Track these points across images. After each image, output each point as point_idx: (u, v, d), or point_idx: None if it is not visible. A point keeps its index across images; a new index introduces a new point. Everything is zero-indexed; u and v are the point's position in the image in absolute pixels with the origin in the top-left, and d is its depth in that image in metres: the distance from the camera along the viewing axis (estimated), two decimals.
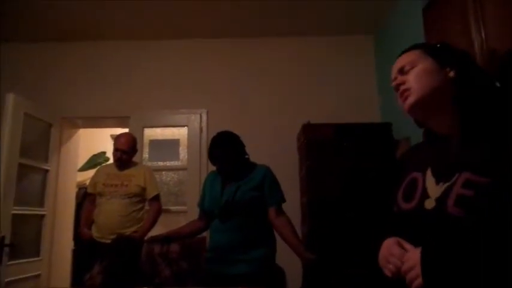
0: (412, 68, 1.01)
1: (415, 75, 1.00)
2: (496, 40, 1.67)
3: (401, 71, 1.04)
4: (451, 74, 0.97)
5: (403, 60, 1.05)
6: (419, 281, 0.78)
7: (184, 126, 3.84)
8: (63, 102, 3.81)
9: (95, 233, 2.83)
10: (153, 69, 3.94)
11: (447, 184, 0.87)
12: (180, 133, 3.90)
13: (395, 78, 1.06)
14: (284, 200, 2.18)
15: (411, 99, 0.99)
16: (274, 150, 3.50)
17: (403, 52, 1.08)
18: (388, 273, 0.89)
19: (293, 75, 3.91)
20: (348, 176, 3.02)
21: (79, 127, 4.14)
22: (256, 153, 2.41)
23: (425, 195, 0.92)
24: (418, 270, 0.79)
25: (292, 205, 3.43)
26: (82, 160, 4.62)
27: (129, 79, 3.91)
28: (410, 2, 2.79)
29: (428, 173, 0.95)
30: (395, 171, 1.12)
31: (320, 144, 3.12)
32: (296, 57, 3.96)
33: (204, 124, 3.79)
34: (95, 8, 3.37)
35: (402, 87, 1.02)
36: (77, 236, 3.55)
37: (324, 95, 3.82)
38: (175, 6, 3.37)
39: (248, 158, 2.24)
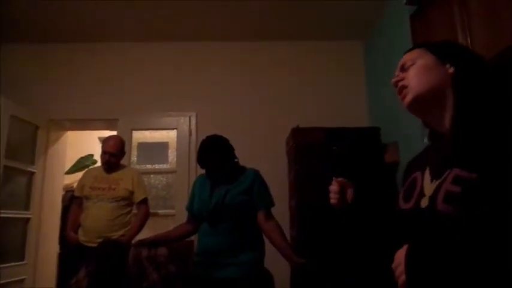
0: (412, 64, 1.00)
1: (414, 71, 0.98)
2: (482, 47, 1.70)
3: (402, 68, 1.03)
4: (451, 70, 0.95)
5: (405, 58, 1.04)
6: (403, 278, 0.79)
7: (173, 129, 3.82)
8: (50, 104, 3.76)
9: (81, 236, 2.79)
10: (142, 72, 3.92)
11: (439, 181, 0.86)
12: (169, 136, 3.89)
13: (397, 75, 1.04)
14: (273, 204, 2.18)
15: (409, 97, 0.98)
16: (264, 154, 3.51)
17: (407, 51, 1.07)
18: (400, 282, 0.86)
19: (283, 79, 3.93)
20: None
21: (66, 129, 4.09)
22: (246, 156, 2.41)
23: (421, 193, 0.91)
24: (402, 267, 0.79)
25: (281, 209, 3.43)
26: (69, 163, 4.57)
27: (117, 81, 3.88)
28: (399, 9, 2.83)
29: (427, 172, 0.95)
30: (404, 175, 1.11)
31: (309, 148, 3.14)
32: (286, 61, 3.98)
33: (193, 127, 3.78)
34: (83, 9, 3.35)
35: (400, 84, 1.01)
36: (63, 240, 3.50)
37: (314, 99, 3.85)
38: (164, 9, 3.37)
39: (237, 162, 2.24)
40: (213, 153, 2.14)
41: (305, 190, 3.07)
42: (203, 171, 2.31)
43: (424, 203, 0.88)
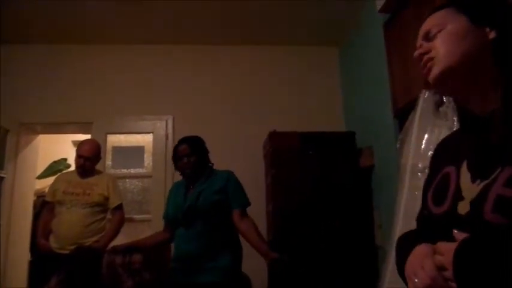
0: (440, 31, 0.80)
1: (443, 39, 0.79)
2: None
3: (427, 37, 0.83)
4: (491, 34, 0.75)
5: (429, 23, 0.83)
6: (450, 270, 0.63)
7: (149, 132, 3.77)
8: (21, 108, 3.64)
9: (53, 243, 2.71)
10: (118, 74, 3.85)
11: (485, 182, 0.68)
12: (144, 140, 3.84)
13: (420, 46, 0.84)
14: (248, 204, 2.18)
15: (436, 71, 0.78)
16: (241, 158, 3.51)
17: (432, 12, 0.86)
18: (411, 286, 0.71)
19: (260, 83, 3.94)
20: (313, 183, 3.07)
21: (38, 133, 3.98)
22: (222, 160, 2.41)
23: (458, 196, 0.72)
24: (450, 257, 0.63)
25: (258, 213, 3.44)
26: (41, 167, 4.44)
27: (92, 84, 3.80)
28: (372, 16, 2.90)
29: (464, 167, 0.75)
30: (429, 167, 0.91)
31: (286, 152, 3.16)
32: (263, 65, 4.00)
33: (169, 131, 3.74)
34: (56, 10, 3.27)
35: (426, 57, 0.81)
36: (34, 247, 3.39)
37: (291, 104, 3.88)
38: (141, 11, 3.33)
39: (212, 166, 2.25)
40: (189, 142, 2.19)
41: (282, 194, 3.08)
42: (179, 177, 2.30)
43: (464, 208, 0.70)
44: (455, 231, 0.68)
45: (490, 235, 0.62)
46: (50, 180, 3.59)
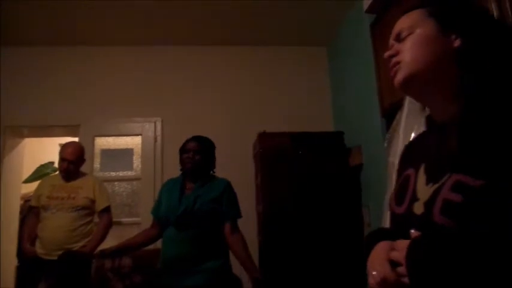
0: (410, 34, 0.81)
1: (410, 44, 0.80)
2: None
3: (398, 38, 0.84)
4: (457, 42, 0.75)
5: (401, 24, 0.84)
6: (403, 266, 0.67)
7: (138, 135, 3.74)
8: (6, 110, 3.57)
9: (39, 249, 2.66)
10: (105, 76, 3.81)
11: (436, 185, 0.71)
12: (133, 142, 3.80)
13: (391, 46, 0.85)
14: (240, 216, 2.21)
15: (400, 76, 0.80)
16: (230, 159, 3.49)
17: (405, 12, 0.86)
18: (370, 280, 0.74)
19: (249, 84, 3.94)
20: (302, 183, 3.08)
21: (24, 136, 3.91)
22: None
23: (415, 197, 0.76)
24: (404, 253, 0.67)
25: (249, 214, 3.44)
26: (28, 171, 4.37)
27: (79, 86, 3.75)
28: (359, 16, 2.92)
29: (421, 170, 0.78)
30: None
31: (275, 152, 3.16)
32: (252, 66, 4.00)
33: (158, 133, 3.72)
34: (41, 13, 3.22)
35: (393, 60, 0.83)
36: (21, 252, 3.34)
37: (280, 104, 3.88)
38: (128, 12, 3.30)
39: (213, 172, 2.28)
40: (201, 141, 2.24)
41: (272, 195, 3.08)
42: (168, 177, 2.29)
43: (419, 209, 0.73)
44: (411, 231, 0.72)
45: (438, 235, 0.66)
46: (37, 184, 3.54)
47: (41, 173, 4.50)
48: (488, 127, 0.69)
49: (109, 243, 2.64)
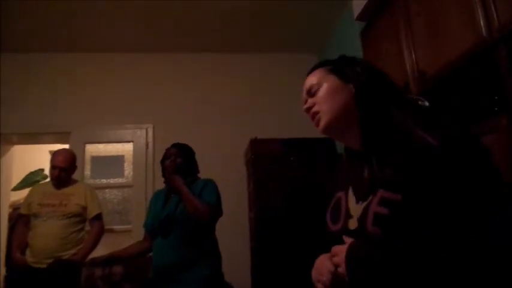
0: (319, 88, 0.98)
1: (322, 96, 0.97)
2: (425, 63, 1.81)
3: (310, 93, 1.01)
4: (352, 89, 0.94)
5: (309, 81, 1.01)
6: (343, 266, 0.80)
7: (129, 141, 3.73)
8: None
9: (29, 257, 2.61)
10: (96, 83, 3.80)
11: (365, 203, 0.85)
12: (124, 149, 3.79)
13: (306, 101, 1.02)
14: (219, 211, 2.09)
15: (322, 123, 0.97)
16: (222, 165, 3.50)
17: (309, 72, 1.04)
18: (319, 286, 0.88)
19: (240, 91, 3.95)
20: (294, 189, 3.08)
21: (14, 144, 3.87)
22: (204, 168, 2.40)
23: (348, 215, 0.90)
24: (343, 257, 0.80)
25: (241, 220, 3.44)
26: (17, 178, 4.32)
27: (70, 93, 3.74)
28: (350, 23, 2.95)
29: (350, 192, 0.94)
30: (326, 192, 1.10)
31: (267, 159, 3.17)
32: (243, 73, 4.01)
33: (150, 139, 3.70)
34: (30, 19, 3.21)
35: (312, 111, 0.99)
36: (9, 262, 3.28)
37: (272, 111, 3.89)
38: (118, 18, 3.30)
39: (196, 176, 2.25)
40: (180, 147, 2.25)
41: (264, 201, 3.08)
42: (160, 184, 2.27)
43: (353, 224, 0.87)
44: (344, 237, 0.89)
45: (369, 240, 0.81)
46: (26, 191, 3.50)
47: (31, 180, 4.44)
48: (388, 150, 0.86)
49: (100, 251, 2.61)
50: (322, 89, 0.97)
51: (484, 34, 1.42)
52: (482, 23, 1.43)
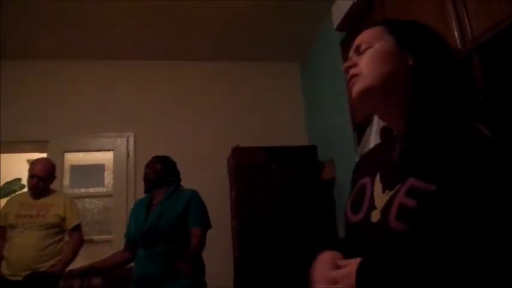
0: (368, 48, 0.83)
1: (369, 57, 0.82)
2: None
3: (358, 51, 0.86)
4: (410, 62, 0.80)
5: (361, 38, 0.87)
6: None
7: (110, 150, 3.67)
8: None
9: (5, 270, 2.52)
10: (75, 91, 3.73)
11: (392, 192, 0.74)
12: (104, 158, 3.73)
13: (350, 59, 0.88)
14: (209, 225, 2.15)
15: (357, 87, 0.82)
16: (204, 174, 3.48)
17: (367, 27, 0.89)
18: None
19: (222, 99, 3.95)
20: (276, 197, 3.09)
21: None
22: (186, 176, 2.39)
23: (372, 205, 0.78)
24: (353, 279, 0.67)
25: (224, 229, 3.42)
26: None
27: (48, 100, 3.65)
28: (330, 33, 3.00)
29: (377, 178, 0.81)
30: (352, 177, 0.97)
31: (249, 167, 3.17)
32: (226, 81, 4.02)
33: (131, 148, 3.66)
34: (7, 25, 3.15)
35: (351, 71, 0.84)
36: None
37: (254, 119, 3.91)
38: (98, 26, 3.27)
39: (178, 185, 2.24)
40: (160, 158, 2.28)
41: (246, 209, 3.08)
42: (141, 194, 2.25)
43: (376, 216, 0.75)
44: (350, 260, 0.73)
45: (382, 261, 0.68)
46: (3, 202, 3.40)
47: (8, 190, 4.33)
48: (435, 136, 0.74)
49: (80, 262, 2.55)
50: (372, 49, 0.83)
51: (459, 45, 1.47)
52: (456, 34, 1.48)
